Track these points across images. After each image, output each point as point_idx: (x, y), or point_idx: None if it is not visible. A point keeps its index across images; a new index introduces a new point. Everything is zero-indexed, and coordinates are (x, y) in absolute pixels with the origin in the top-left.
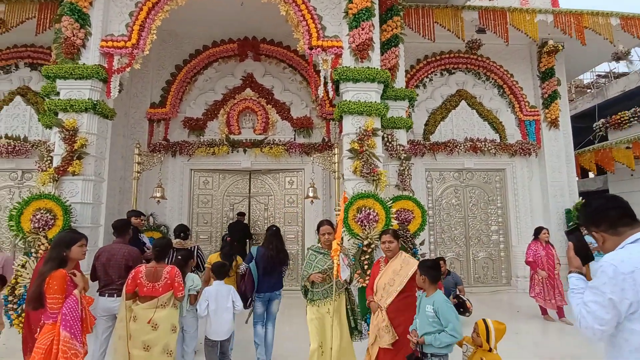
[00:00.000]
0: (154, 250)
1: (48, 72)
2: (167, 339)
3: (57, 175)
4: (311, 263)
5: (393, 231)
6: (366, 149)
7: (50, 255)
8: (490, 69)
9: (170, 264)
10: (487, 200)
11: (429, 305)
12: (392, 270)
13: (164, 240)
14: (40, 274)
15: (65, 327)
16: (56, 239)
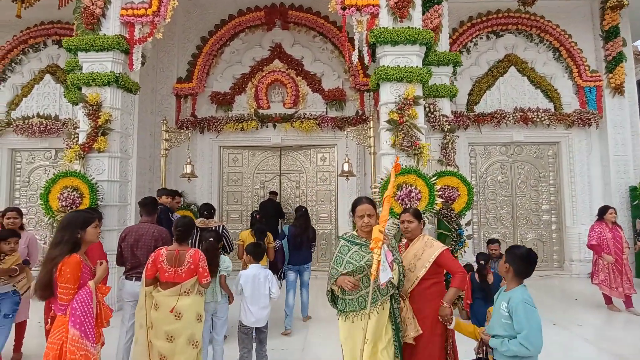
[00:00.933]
0: (175, 230)
1: (69, 45)
2: (192, 329)
3: (83, 153)
4: (342, 257)
5: (414, 210)
6: (406, 119)
7: (62, 237)
8: (544, 29)
9: (194, 246)
10: (538, 177)
11: (504, 302)
12: (413, 254)
13: (186, 219)
14: (51, 258)
15: (75, 324)
16: (68, 218)
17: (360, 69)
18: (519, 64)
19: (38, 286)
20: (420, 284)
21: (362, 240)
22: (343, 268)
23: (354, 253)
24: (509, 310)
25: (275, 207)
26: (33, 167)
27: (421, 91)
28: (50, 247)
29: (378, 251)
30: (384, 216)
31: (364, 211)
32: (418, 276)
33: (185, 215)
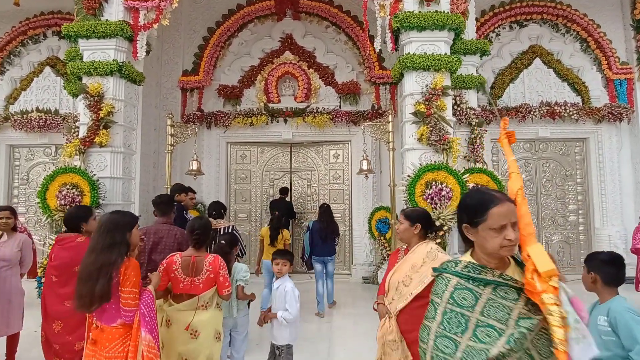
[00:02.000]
0: (191, 234)
1: (69, 31)
2: (210, 349)
3: (83, 147)
4: (462, 318)
5: (408, 210)
6: (434, 111)
7: (113, 239)
8: (571, 19)
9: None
10: (564, 175)
11: (602, 316)
12: (410, 265)
13: (203, 221)
14: (108, 263)
15: (147, 329)
16: (112, 221)
17: (375, 61)
18: (544, 55)
19: (97, 294)
20: (414, 302)
21: (499, 277)
22: (478, 344)
23: (491, 306)
24: (610, 324)
25: (286, 206)
26: (32, 164)
27: (449, 81)
28: (95, 251)
29: (556, 299)
30: (527, 225)
31: (508, 218)
32: (412, 293)
33: (201, 215)
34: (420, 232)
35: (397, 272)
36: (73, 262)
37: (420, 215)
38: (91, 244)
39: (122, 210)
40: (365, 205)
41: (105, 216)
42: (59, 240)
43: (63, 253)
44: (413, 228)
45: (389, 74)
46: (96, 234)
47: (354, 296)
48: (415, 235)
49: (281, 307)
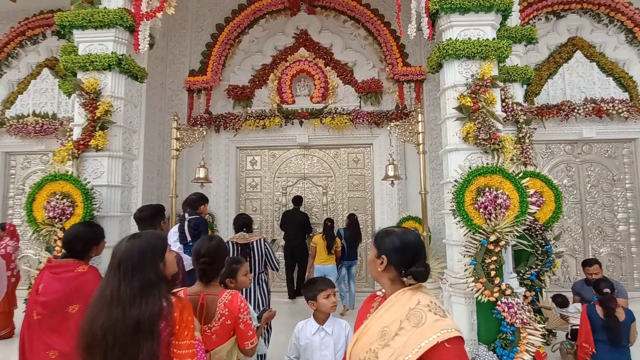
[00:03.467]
0: (197, 262)
1: (62, 20)
2: None
3: (77, 151)
4: None
5: (383, 233)
6: (482, 105)
7: (145, 279)
8: (615, 7)
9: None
10: (612, 180)
11: None
12: (380, 331)
13: (213, 242)
14: (148, 317)
15: None
16: (135, 251)
17: (399, 57)
18: (586, 48)
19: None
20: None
21: None
22: None
23: None
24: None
25: (300, 218)
26: (28, 172)
27: (497, 71)
28: (120, 303)
29: None
30: None
31: None
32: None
33: (212, 235)
34: (390, 272)
35: (361, 338)
36: (68, 299)
37: (392, 242)
38: (109, 292)
39: (143, 232)
40: (390, 215)
41: (123, 245)
42: (51, 267)
43: (56, 285)
44: (379, 261)
45: (413, 71)
46: (114, 275)
47: None
48: (383, 276)
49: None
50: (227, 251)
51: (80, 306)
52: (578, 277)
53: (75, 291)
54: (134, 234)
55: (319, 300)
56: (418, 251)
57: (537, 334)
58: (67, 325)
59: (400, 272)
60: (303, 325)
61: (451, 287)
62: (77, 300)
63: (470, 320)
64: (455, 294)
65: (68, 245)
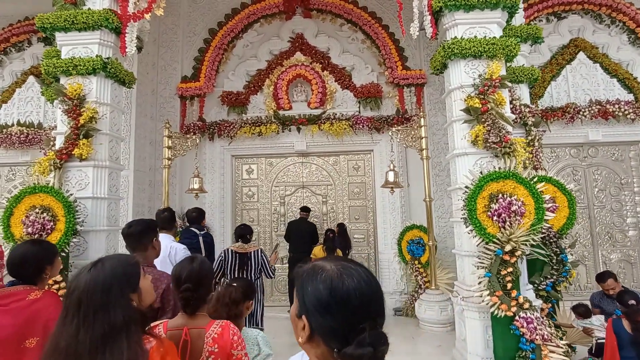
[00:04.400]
0: (179, 291)
1: (43, 22)
2: None
3: (60, 161)
4: None
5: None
6: (491, 106)
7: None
8: (616, 8)
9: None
10: (619, 184)
11: None
12: None
13: (197, 264)
14: None
15: None
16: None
17: (398, 60)
18: (589, 49)
19: None
20: None
21: None
22: None
23: None
24: None
25: (308, 229)
26: (13, 184)
27: (505, 70)
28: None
29: None
30: None
31: None
32: None
33: (193, 255)
34: (318, 346)
35: None
36: (23, 333)
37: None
38: (64, 344)
39: (107, 257)
40: (393, 224)
41: (82, 279)
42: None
43: (5, 319)
44: (300, 324)
45: (413, 74)
46: (71, 319)
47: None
48: (309, 350)
49: None
50: (212, 273)
51: (39, 339)
52: (588, 285)
53: (31, 322)
54: (95, 261)
55: None
56: (364, 310)
57: (560, 351)
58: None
59: (331, 349)
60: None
61: (463, 301)
62: (33, 332)
63: (485, 337)
64: (468, 308)
65: (16, 270)
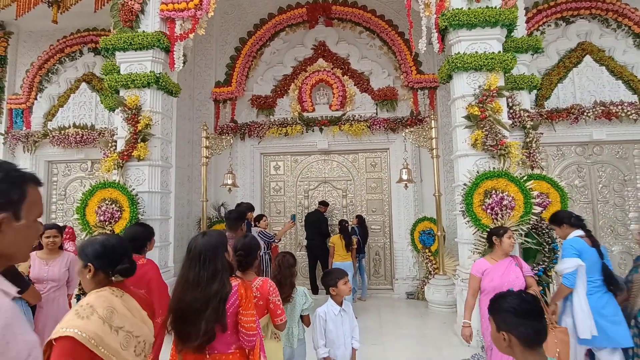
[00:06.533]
0: (236, 255)
1: (106, 44)
2: None
3: (122, 161)
4: None
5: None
6: (489, 114)
7: (216, 267)
8: (622, 13)
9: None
10: (623, 181)
11: None
12: None
13: (247, 239)
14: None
15: (264, 352)
16: (209, 246)
17: (412, 65)
18: (595, 52)
19: (217, 329)
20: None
21: None
22: None
23: None
24: None
25: (316, 219)
26: (69, 179)
27: (503, 81)
28: (199, 285)
29: None
30: None
31: None
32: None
33: (247, 234)
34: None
35: None
36: (136, 286)
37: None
38: (192, 277)
39: (209, 231)
40: (407, 216)
41: (199, 242)
42: None
43: None
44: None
45: (427, 79)
46: (195, 264)
47: (399, 313)
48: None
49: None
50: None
51: (144, 291)
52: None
53: (139, 279)
54: (202, 232)
55: (339, 286)
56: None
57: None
58: None
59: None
60: (326, 309)
61: (463, 282)
62: (140, 286)
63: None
64: (466, 288)
65: (129, 242)
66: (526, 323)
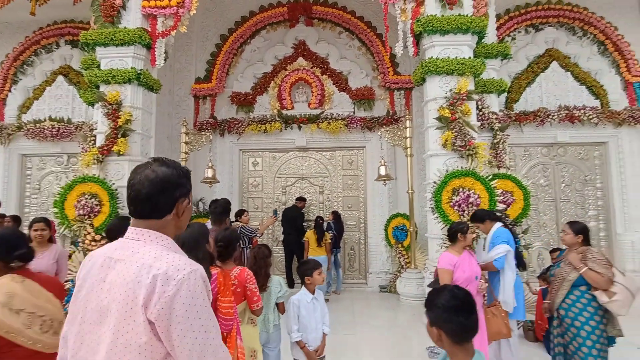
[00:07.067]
0: (217, 246)
1: (87, 38)
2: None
3: (102, 156)
4: None
5: None
6: (459, 116)
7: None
8: (588, 21)
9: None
10: (584, 180)
11: None
12: None
13: (227, 232)
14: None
15: (240, 336)
16: (192, 237)
17: (390, 66)
18: (561, 59)
19: None
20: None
21: None
22: None
23: None
24: None
25: (295, 215)
26: (44, 173)
27: (473, 85)
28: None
29: None
30: None
31: None
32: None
33: (228, 226)
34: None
35: None
36: None
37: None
38: None
39: (191, 223)
40: (381, 212)
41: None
42: None
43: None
44: None
45: (403, 79)
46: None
47: (372, 306)
48: None
49: (320, 320)
50: (239, 239)
51: None
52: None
53: None
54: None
55: (314, 276)
56: None
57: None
58: None
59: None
60: (300, 297)
61: (432, 275)
62: None
63: None
64: None
65: (107, 234)
66: (454, 319)
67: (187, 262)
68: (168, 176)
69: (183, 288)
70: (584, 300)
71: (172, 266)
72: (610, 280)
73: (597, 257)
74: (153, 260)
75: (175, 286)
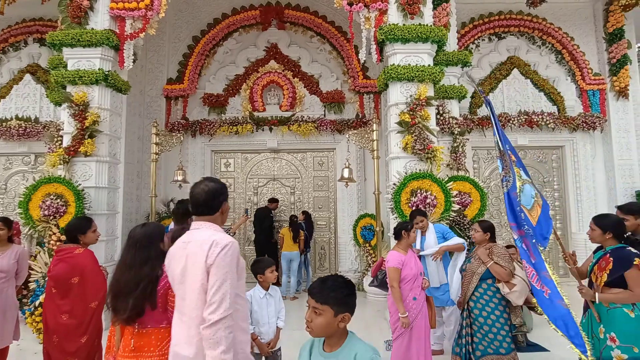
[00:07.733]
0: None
1: (53, 39)
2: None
3: (68, 157)
4: None
5: None
6: (419, 121)
7: (150, 253)
8: (546, 31)
9: None
10: (542, 182)
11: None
12: None
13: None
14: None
15: None
16: (146, 235)
17: (359, 71)
18: (522, 66)
19: (145, 306)
20: None
21: None
22: None
23: None
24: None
25: (265, 216)
26: (10, 172)
27: (433, 91)
28: (133, 267)
29: None
30: None
31: None
32: None
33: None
34: None
35: None
36: (69, 273)
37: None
38: (127, 260)
39: (147, 222)
40: (350, 212)
41: (137, 231)
42: (57, 251)
43: (60, 264)
44: None
45: (372, 84)
46: (132, 250)
47: None
48: None
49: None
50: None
51: (79, 278)
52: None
53: (74, 267)
54: (143, 223)
55: (266, 274)
56: None
57: None
58: (71, 292)
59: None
60: (252, 293)
61: None
62: (74, 273)
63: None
64: None
65: (66, 233)
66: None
67: (228, 238)
68: (215, 188)
69: (224, 251)
70: (490, 292)
71: (220, 238)
72: (512, 273)
73: (501, 252)
74: (209, 236)
75: (221, 248)
